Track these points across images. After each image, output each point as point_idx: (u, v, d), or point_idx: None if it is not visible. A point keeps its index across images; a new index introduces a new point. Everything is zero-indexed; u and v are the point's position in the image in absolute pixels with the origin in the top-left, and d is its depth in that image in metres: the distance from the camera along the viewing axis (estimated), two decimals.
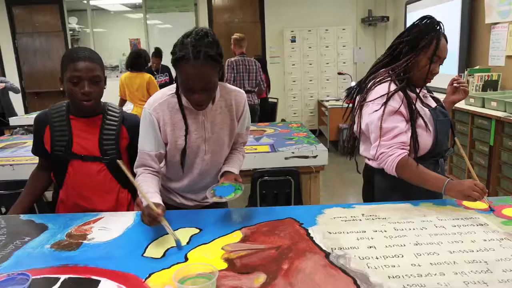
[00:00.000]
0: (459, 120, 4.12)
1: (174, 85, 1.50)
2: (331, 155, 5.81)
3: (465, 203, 1.51)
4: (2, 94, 5.53)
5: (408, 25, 1.66)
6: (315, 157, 2.65)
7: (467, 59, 4.82)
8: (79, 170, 1.61)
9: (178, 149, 1.53)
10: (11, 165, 2.55)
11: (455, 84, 1.83)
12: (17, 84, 7.23)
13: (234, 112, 1.58)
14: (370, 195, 1.74)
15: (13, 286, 1.00)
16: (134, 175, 1.50)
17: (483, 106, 3.85)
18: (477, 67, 4.58)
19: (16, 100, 7.27)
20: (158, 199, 1.37)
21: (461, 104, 4.09)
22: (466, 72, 4.53)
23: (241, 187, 1.47)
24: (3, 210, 2.33)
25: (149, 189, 1.41)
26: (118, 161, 1.29)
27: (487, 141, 3.65)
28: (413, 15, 5.70)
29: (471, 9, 4.70)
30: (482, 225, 1.33)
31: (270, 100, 6.06)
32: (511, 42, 4.17)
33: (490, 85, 4.29)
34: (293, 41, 7.10)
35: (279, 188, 2.62)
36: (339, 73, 6.72)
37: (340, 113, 6.14)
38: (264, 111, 5.57)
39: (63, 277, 1.09)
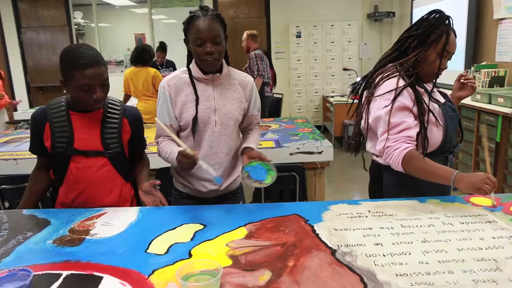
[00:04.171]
0: (465, 116, 4.07)
1: (185, 67, 1.68)
2: (336, 151, 5.74)
3: (473, 199, 1.48)
4: None
5: (414, 20, 1.63)
6: (320, 153, 2.62)
7: (474, 55, 4.76)
8: (82, 166, 1.59)
9: (189, 119, 1.62)
10: (14, 159, 2.54)
11: (462, 80, 1.81)
12: (22, 78, 7.27)
13: (242, 92, 1.70)
14: (378, 192, 1.71)
15: (14, 282, 0.99)
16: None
17: (490, 102, 3.80)
18: (483, 63, 4.52)
19: (21, 95, 7.30)
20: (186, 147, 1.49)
21: (467, 100, 4.05)
22: (472, 68, 4.47)
23: (270, 166, 1.55)
24: (7, 204, 2.33)
25: (175, 146, 1.58)
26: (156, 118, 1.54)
27: (494, 138, 3.61)
28: (419, 11, 5.64)
29: (478, 4, 4.64)
30: (490, 222, 1.31)
31: (275, 95, 6.03)
32: None
33: (496, 81, 4.24)
34: (298, 36, 7.05)
35: (284, 184, 2.60)
36: (345, 69, 6.68)
37: (345, 109, 6.08)
38: (270, 106, 5.56)
39: (65, 273, 1.07)
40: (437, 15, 1.57)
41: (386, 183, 1.66)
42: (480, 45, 4.75)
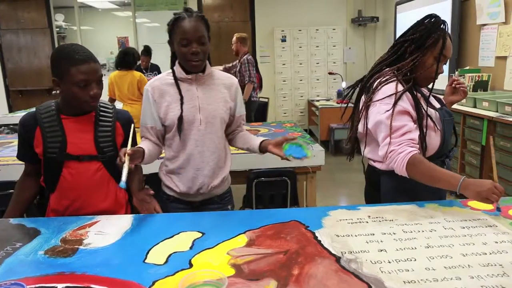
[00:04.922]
0: None
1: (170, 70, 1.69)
2: None
3: (471, 203, 1.48)
4: None
5: (398, 25, 1.64)
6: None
7: (458, 60, 4.84)
8: (76, 171, 1.53)
9: (174, 119, 1.62)
10: None
11: (454, 85, 1.82)
12: (0, 81, 7.06)
13: (226, 93, 1.72)
14: (375, 197, 1.69)
15: None
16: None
17: (475, 106, 3.87)
18: (467, 68, 4.61)
19: (0, 99, 7.09)
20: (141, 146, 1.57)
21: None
22: (457, 73, 4.55)
23: (299, 143, 1.63)
24: None
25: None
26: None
27: (479, 141, 3.67)
28: (403, 16, 5.71)
29: (461, 10, 4.73)
30: (491, 226, 1.31)
31: (261, 99, 6.01)
32: (500, 43, 4.20)
33: (480, 85, 4.32)
34: (283, 40, 7.07)
35: (275, 189, 2.58)
36: (330, 73, 6.70)
37: (331, 113, 6.14)
38: (256, 111, 5.54)
39: (60, 286, 1.02)
40: (432, 19, 1.58)
41: (384, 188, 1.65)
42: (464, 50, 4.84)
